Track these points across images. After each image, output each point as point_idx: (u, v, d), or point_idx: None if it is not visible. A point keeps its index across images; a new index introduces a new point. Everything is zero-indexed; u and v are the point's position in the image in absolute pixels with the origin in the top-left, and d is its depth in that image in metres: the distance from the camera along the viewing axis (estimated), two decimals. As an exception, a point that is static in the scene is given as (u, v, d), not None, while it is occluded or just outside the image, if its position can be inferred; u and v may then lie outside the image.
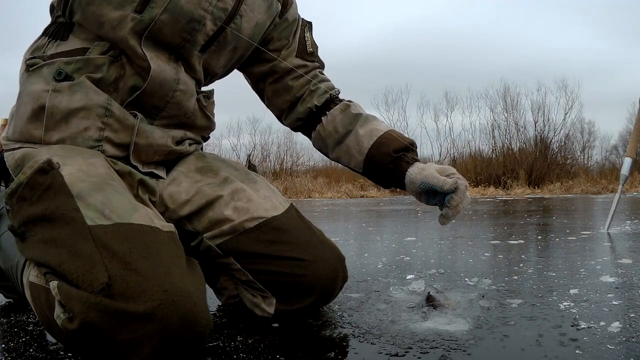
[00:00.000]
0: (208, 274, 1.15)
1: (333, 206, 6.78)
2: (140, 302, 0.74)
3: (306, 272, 1.04)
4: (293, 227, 1.07)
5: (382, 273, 1.63)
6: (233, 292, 1.14)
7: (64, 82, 0.99)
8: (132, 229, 0.83)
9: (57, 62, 1.00)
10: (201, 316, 0.79)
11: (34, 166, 0.88)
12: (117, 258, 0.78)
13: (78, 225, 0.82)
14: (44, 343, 0.97)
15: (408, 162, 1.13)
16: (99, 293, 0.75)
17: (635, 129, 2.93)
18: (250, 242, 1.04)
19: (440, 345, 0.90)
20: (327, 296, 1.09)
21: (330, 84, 1.27)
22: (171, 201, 1.08)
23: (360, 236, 2.90)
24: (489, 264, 1.77)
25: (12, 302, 1.32)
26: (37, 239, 0.86)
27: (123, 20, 0.99)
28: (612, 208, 2.85)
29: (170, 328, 0.75)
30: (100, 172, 0.92)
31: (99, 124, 1.00)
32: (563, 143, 12.82)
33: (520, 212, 4.79)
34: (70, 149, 0.97)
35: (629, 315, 1.06)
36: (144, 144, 1.05)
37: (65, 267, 0.79)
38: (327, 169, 14.14)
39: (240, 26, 1.10)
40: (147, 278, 0.77)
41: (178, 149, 1.13)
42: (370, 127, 1.18)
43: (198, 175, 1.12)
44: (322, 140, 1.26)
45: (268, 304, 1.07)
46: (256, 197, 1.08)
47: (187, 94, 1.10)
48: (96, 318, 0.75)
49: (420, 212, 4.96)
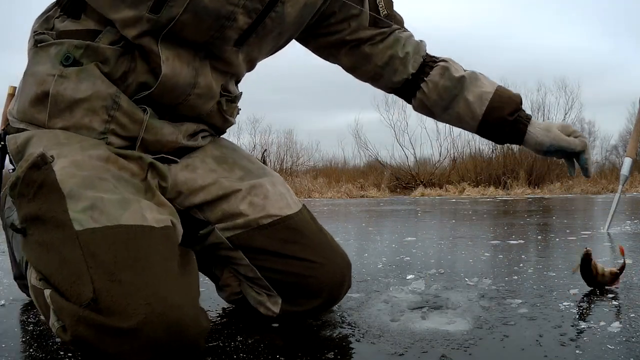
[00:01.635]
0: (211, 269, 1.15)
1: (333, 206, 6.77)
2: (126, 317, 0.74)
3: (315, 274, 1.03)
4: (306, 229, 1.06)
5: (382, 273, 1.62)
6: (236, 290, 1.13)
7: (72, 67, 0.93)
8: (120, 232, 0.81)
9: (66, 44, 0.94)
10: (190, 325, 0.78)
11: (29, 160, 0.87)
12: (103, 268, 0.77)
13: (67, 230, 0.81)
14: (44, 343, 0.97)
15: (524, 123, 1.16)
16: (86, 307, 0.75)
17: (635, 129, 2.93)
18: (262, 238, 1.02)
19: (440, 345, 0.90)
20: (332, 300, 1.09)
21: (416, 44, 1.19)
22: (185, 187, 1.04)
23: (360, 236, 2.90)
24: (489, 264, 1.77)
25: (11, 303, 1.32)
26: (33, 239, 0.85)
27: (138, 21, 0.92)
28: (612, 208, 2.85)
29: (159, 342, 0.75)
30: (95, 164, 0.89)
31: (105, 117, 0.94)
32: (563, 143, 12.81)
33: (520, 212, 4.79)
34: (73, 135, 0.94)
35: (629, 315, 1.06)
36: (152, 140, 1.00)
37: (55, 278, 0.80)
38: (327, 169, 14.16)
39: (283, 12, 0.99)
40: (132, 291, 0.75)
41: (189, 145, 1.07)
42: (479, 91, 1.16)
43: (214, 163, 1.09)
44: (426, 108, 1.22)
45: (273, 303, 1.06)
46: (272, 194, 1.06)
47: (203, 98, 1.03)
48: (85, 332, 0.75)
49: (420, 212, 4.96)
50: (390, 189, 12.52)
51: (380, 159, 13.97)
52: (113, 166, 0.92)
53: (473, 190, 11.34)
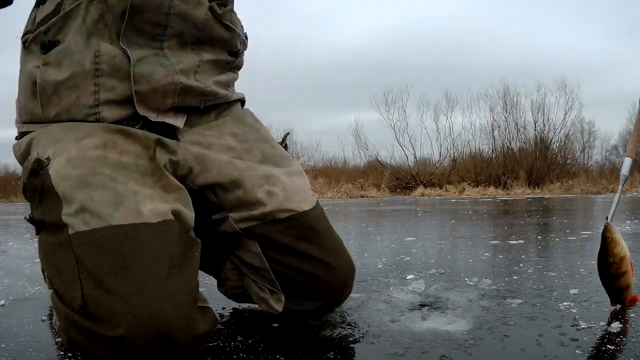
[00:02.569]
0: (215, 260, 1.13)
1: (333, 206, 6.77)
2: (112, 326, 0.75)
3: (324, 275, 1.03)
4: (320, 228, 1.06)
5: (382, 273, 1.62)
6: (237, 283, 1.12)
7: (51, 51, 0.93)
8: (109, 235, 0.80)
9: (38, 34, 0.95)
10: (178, 334, 0.77)
11: (28, 167, 0.90)
12: (90, 275, 0.78)
13: (62, 234, 0.83)
14: (44, 343, 0.97)
15: None
16: (77, 312, 0.77)
17: (635, 129, 2.91)
18: (277, 232, 1.01)
19: (440, 345, 0.90)
20: (334, 303, 1.09)
21: None
22: (197, 163, 1.00)
23: (360, 236, 2.90)
24: (489, 264, 1.77)
25: (11, 303, 1.32)
26: (42, 240, 0.89)
27: None
28: (612, 208, 2.84)
29: (146, 351, 0.75)
30: (91, 156, 0.88)
31: (92, 88, 0.92)
32: (563, 143, 12.83)
33: (520, 212, 4.79)
34: (68, 127, 0.92)
35: (629, 315, 1.05)
36: (146, 90, 0.94)
37: (55, 280, 0.83)
38: (327, 169, 14.16)
39: None
40: (116, 300, 0.76)
41: (194, 85, 0.99)
42: None
43: (233, 140, 1.05)
44: None
45: (276, 300, 1.06)
46: (290, 187, 1.04)
47: (190, 3, 0.96)
48: (75, 335, 0.78)
49: (421, 212, 4.96)
50: (390, 189, 12.52)
51: (380, 159, 13.99)
52: (112, 152, 0.90)
53: (473, 190, 11.34)
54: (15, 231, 3.90)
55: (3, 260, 2.16)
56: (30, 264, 1.99)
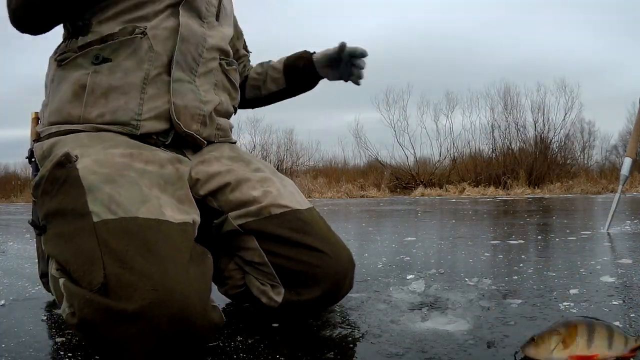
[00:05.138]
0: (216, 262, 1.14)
1: (333, 206, 6.78)
2: (131, 301, 0.75)
3: (322, 264, 1.05)
4: (315, 223, 1.10)
5: (382, 273, 1.63)
6: (238, 282, 1.14)
7: (104, 64, 1.02)
8: (135, 224, 0.84)
9: (92, 50, 1.03)
10: (196, 317, 0.78)
11: (54, 160, 0.93)
12: (115, 256, 0.79)
13: (85, 221, 0.84)
14: (44, 343, 0.97)
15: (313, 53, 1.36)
16: (96, 292, 0.77)
17: (635, 129, 2.93)
18: (273, 226, 1.06)
19: (440, 345, 0.90)
20: (333, 294, 1.09)
21: None
22: (201, 175, 1.10)
23: (360, 236, 2.90)
24: (489, 264, 1.77)
25: (11, 303, 1.32)
26: (52, 232, 0.90)
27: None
28: (612, 208, 2.85)
29: (160, 328, 0.75)
30: (117, 162, 0.93)
31: (138, 100, 1.02)
32: (563, 143, 12.83)
33: (520, 212, 4.79)
34: (96, 136, 0.99)
35: (629, 315, 1.06)
36: (181, 105, 1.05)
37: (70, 265, 0.83)
38: (327, 169, 14.17)
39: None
40: (140, 278, 0.77)
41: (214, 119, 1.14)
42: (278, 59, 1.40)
43: (230, 162, 1.15)
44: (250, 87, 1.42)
45: (276, 293, 1.08)
46: (284, 191, 1.12)
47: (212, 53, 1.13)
48: (90, 314, 0.77)
49: (420, 212, 4.96)
50: (390, 189, 12.53)
51: (380, 158, 13.98)
52: (137, 161, 0.97)
53: (473, 190, 11.35)
54: (15, 231, 3.91)
55: (3, 260, 2.16)
56: (30, 264, 1.99)
